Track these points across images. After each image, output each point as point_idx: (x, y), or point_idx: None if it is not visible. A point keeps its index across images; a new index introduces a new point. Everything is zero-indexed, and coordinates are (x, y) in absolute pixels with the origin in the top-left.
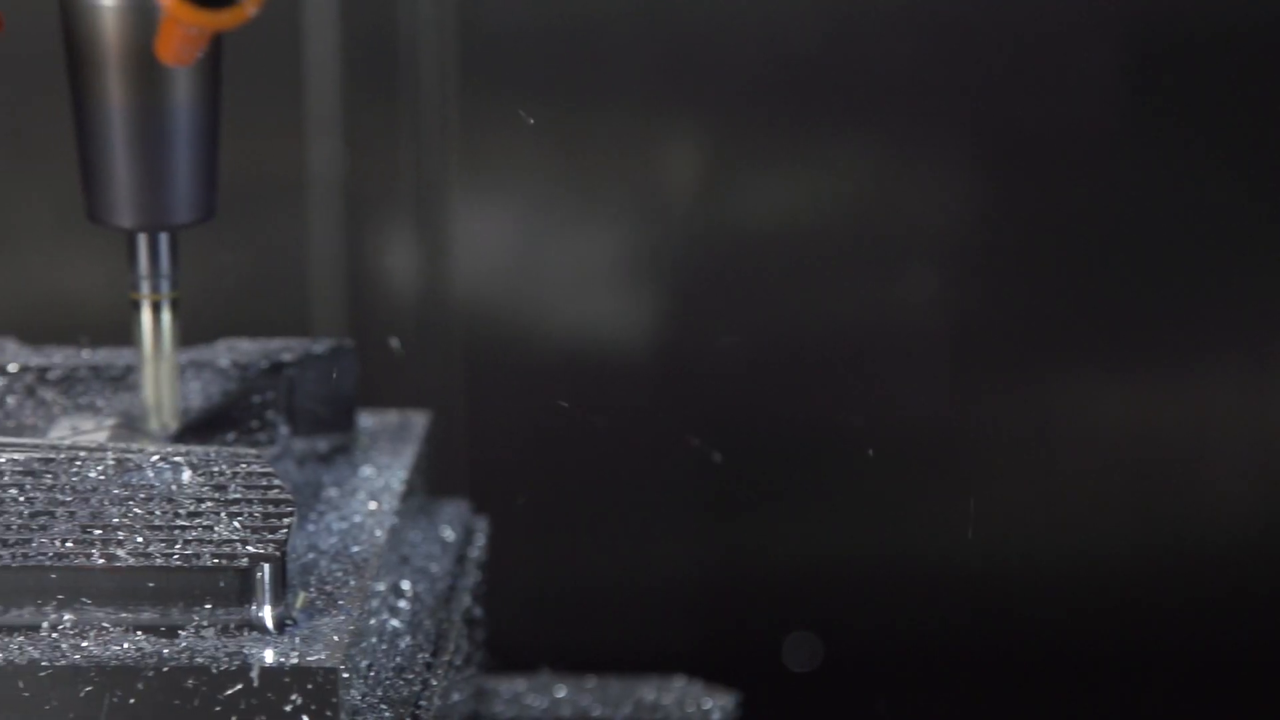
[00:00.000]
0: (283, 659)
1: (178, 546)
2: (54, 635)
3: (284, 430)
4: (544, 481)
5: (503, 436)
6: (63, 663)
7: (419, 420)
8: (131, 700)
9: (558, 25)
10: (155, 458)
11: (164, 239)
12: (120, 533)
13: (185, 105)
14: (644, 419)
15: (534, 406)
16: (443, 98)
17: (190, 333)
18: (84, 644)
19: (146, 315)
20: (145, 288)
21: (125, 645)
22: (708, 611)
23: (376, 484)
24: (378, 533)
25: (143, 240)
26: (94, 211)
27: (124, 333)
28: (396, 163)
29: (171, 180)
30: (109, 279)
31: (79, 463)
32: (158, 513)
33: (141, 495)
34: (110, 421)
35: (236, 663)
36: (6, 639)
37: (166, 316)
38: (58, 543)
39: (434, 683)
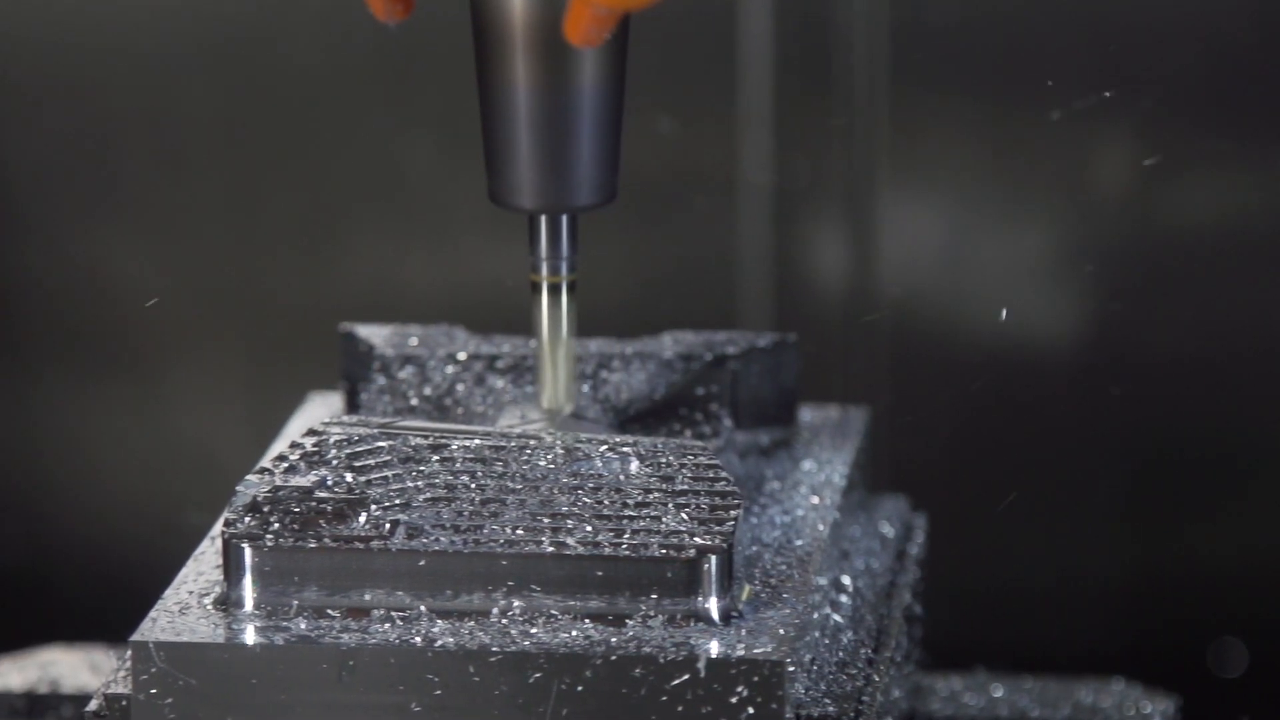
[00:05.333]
0: (729, 651)
1: (625, 536)
2: (503, 621)
3: (727, 423)
4: (971, 479)
5: (929, 433)
6: (512, 649)
7: (858, 415)
8: (579, 688)
9: (989, 22)
10: (604, 448)
11: (565, 221)
12: (569, 521)
13: (590, 87)
14: (1071, 417)
15: (961, 404)
16: (873, 95)
17: (624, 323)
18: (533, 631)
19: (545, 297)
20: (545, 270)
21: (573, 633)
22: (1141, 613)
23: (818, 478)
24: (820, 527)
25: (544, 222)
26: (496, 193)
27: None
28: (827, 159)
29: (574, 162)
30: None
31: (529, 451)
32: (606, 502)
33: (590, 484)
34: None
35: (684, 653)
36: (457, 624)
37: (565, 299)
38: (508, 530)
39: (876, 678)
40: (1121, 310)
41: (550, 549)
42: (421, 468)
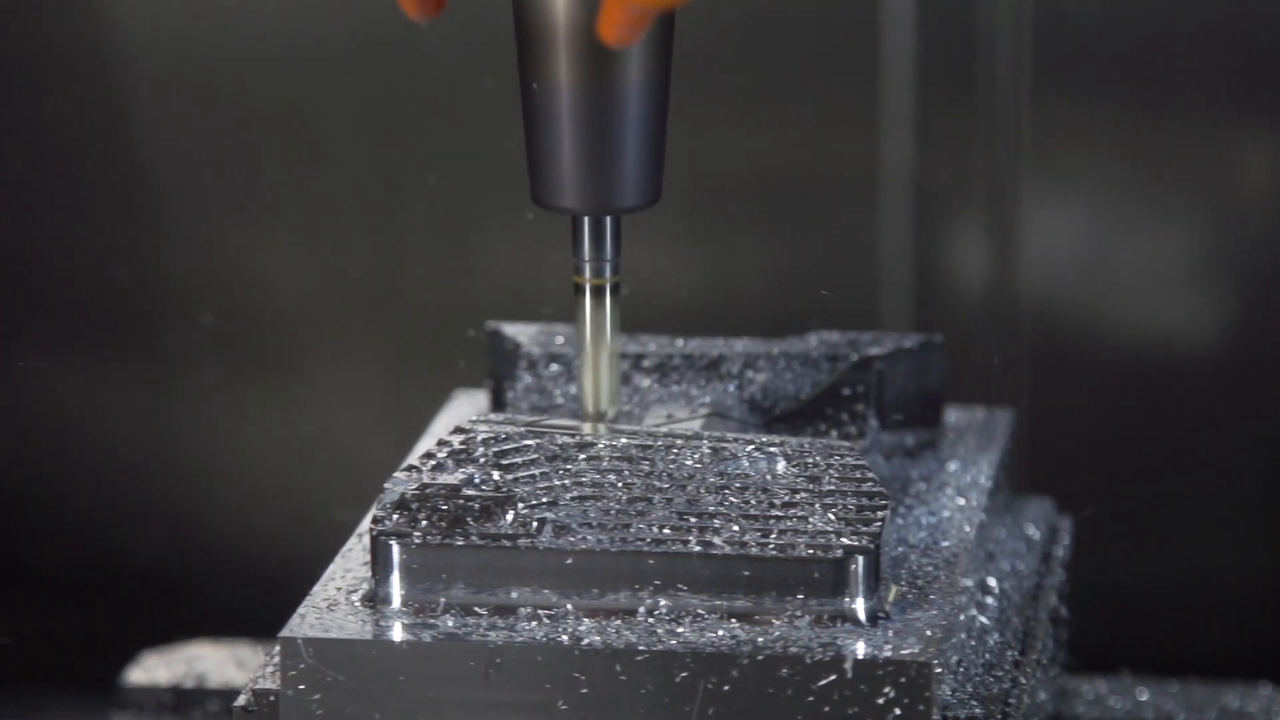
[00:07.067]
0: (876, 652)
1: (772, 536)
2: (650, 620)
3: (873, 423)
4: (1114, 480)
5: (1069, 434)
6: (659, 647)
7: (1003, 417)
8: (725, 687)
9: (1133, 21)
10: (750, 447)
11: (608, 223)
12: (716, 520)
13: (633, 88)
14: (1215, 418)
15: (1102, 405)
16: (1016, 94)
17: (765, 322)
18: (679, 630)
19: (588, 299)
20: (588, 271)
21: (720, 632)
22: None
23: (964, 480)
24: (966, 528)
25: (587, 223)
26: (538, 194)
27: (703, 321)
28: (969, 159)
29: (618, 163)
30: (683, 267)
31: (675, 450)
32: (753, 502)
33: (737, 484)
34: (704, 410)
35: (830, 654)
36: (604, 622)
37: (608, 301)
38: (655, 528)
39: (1023, 681)
40: (1265, 311)
41: (697, 548)
42: (568, 466)
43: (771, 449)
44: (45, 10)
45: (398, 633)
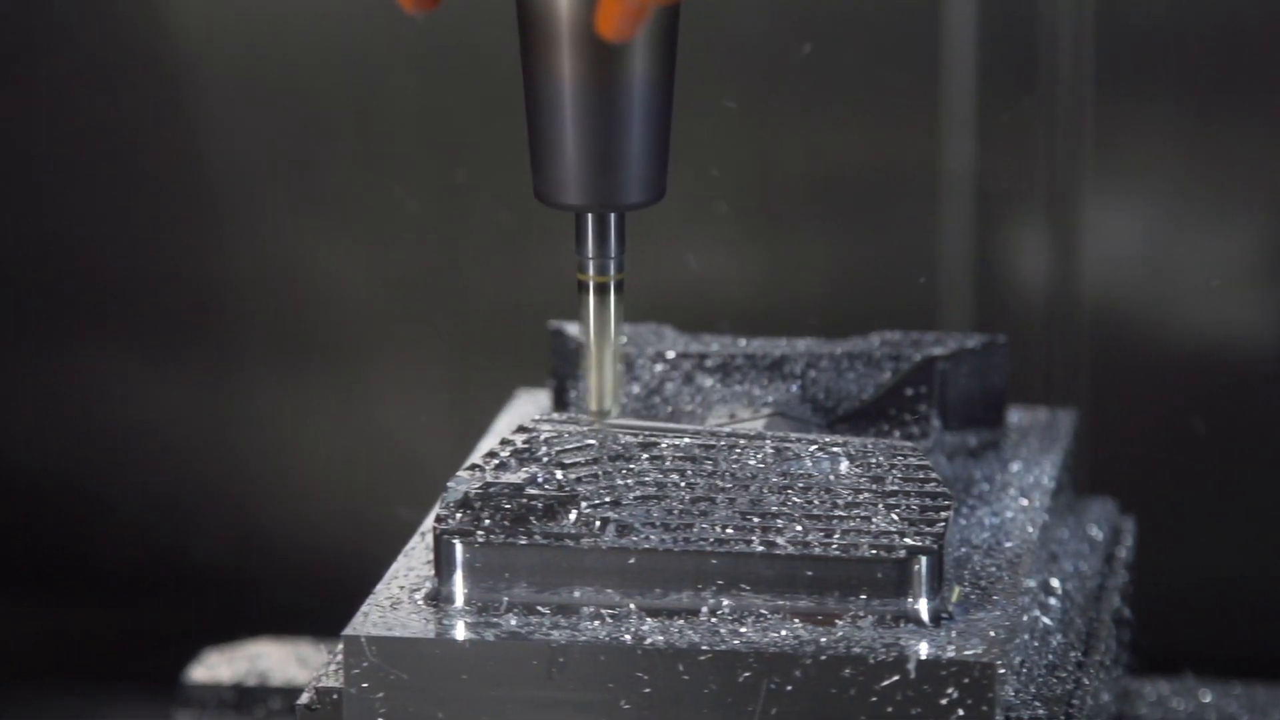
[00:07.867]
0: (939, 652)
1: (835, 536)
2: (713, 620)
3: (936, 423)
4: (1177, 481)
5: (1130, 434)
6: (722, 647)
7: (1067, 418)
8: (789, 687)
9: (1197, 22)
10: (813, 447)
11: (612, 219)
12: (779, 521)
13: (637, 83)
14: (1278, 418)
15: (1163, 406)
16: (1078, 95)
17: (825, 323)
18: (742, 630)
19: (591, 297)
20: (592, 269)
21: (783, 632)
22: None
23: (1026, 480)
24: (1030, 529)
25: (590, 220)
26: (542, 191)
27: (766, 321)
28: (1030, 159)
29: (622, 159)
30: (746, 267)
31: (739, 450)
32: (816, 502)
33: (800, 484)
34: (767, 410)
35: (893, 654)
36: (667, 622)
37: (612, 298)
38: (718, 528)
39: (1086, 682)
40: None
41: (760, 548)
42: (631, 465)
43: (834, 449)
44: (108, 11)
45: (461, 631)
